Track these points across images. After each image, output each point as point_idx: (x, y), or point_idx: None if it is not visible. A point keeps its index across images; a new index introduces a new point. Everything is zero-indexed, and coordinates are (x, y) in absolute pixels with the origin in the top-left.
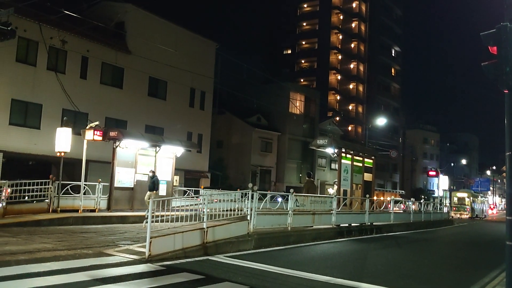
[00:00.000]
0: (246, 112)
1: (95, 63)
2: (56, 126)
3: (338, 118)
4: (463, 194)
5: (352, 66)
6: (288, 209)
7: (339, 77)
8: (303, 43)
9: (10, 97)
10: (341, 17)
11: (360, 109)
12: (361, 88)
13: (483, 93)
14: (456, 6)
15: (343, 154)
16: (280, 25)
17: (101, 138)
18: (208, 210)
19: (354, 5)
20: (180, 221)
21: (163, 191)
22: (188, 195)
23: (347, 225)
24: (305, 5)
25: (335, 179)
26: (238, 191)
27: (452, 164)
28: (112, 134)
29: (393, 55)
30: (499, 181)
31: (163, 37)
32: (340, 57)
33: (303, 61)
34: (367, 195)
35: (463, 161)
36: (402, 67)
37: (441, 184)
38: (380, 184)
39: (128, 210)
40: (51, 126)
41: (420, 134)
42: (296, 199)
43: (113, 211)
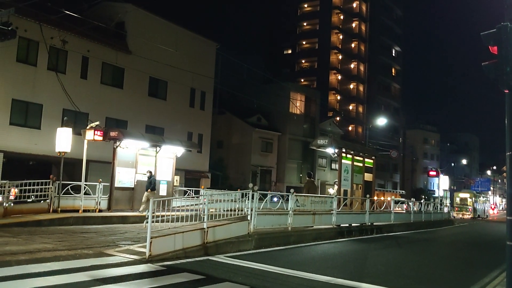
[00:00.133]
0: (246, 112)
1: (96, 63)
2: (57, 126)
3: (338, 118)
4: (465, 195)
5: (352, 66)
6: (289, 209)
7: (339, 77)
8: (304, 43)
9: (11, 97)
10: (341, 17)
11: (361, 109)
12: (361, 88)
13: (483, 93)
14: (456, 6)
15: (343, 154)
16: (280, 25)
17: (101, 138)
18: (209, 210)
19: (354, 5)
20: (181, 221)
21: (163, 191)
22: (188, 195)
23: (347, 225)
24: (305, 5)
25: (336, 179)
26: (238, 191)
27: (453, 164)
28: (112, 134)
29: (393, 55)
30: (499, 181)
31: (164, 37)
32: (340, 57)
33: (303, 61)
34: (367, 195)
35: (464, 161)
36: (402, 67)
37: (441, 184)
38: (381, 184)
39: (128, 210)
40: (51, 126)
41: (420, 134)
42: (297, 199)
43: (114, 211)
